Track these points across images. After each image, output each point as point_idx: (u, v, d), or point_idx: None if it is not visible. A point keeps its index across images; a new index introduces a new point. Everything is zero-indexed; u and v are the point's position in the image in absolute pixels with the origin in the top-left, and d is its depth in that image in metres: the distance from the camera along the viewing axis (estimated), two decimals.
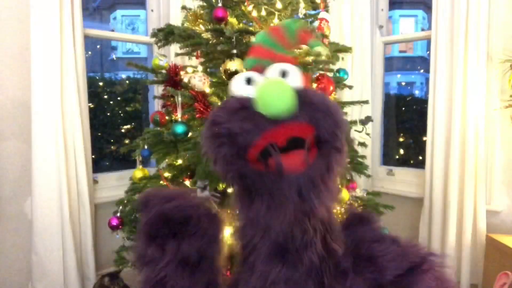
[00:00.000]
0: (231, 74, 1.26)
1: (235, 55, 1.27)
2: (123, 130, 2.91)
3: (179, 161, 1.44)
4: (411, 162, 2.96)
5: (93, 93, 2.70)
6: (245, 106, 0.68)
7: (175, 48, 1.88)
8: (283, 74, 0.72)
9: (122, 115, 2.91)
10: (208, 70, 1.65)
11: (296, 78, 0.72)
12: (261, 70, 0.75)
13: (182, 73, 1.46)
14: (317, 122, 0.67)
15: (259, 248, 0.75)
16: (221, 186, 1.32)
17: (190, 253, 0.79)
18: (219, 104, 0.80)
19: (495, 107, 1.90)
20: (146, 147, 1.48)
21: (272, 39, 0.78)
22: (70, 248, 1.79)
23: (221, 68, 1.32)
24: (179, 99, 1.33)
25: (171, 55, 2.00)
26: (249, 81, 0.73)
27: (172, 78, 1.46)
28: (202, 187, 1.27)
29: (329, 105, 0.68)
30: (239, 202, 0.77)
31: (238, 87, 0.74)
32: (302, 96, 0.68)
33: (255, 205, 0.71)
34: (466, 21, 1.85)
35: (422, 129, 2.23)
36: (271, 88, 0.66)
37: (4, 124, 1.79)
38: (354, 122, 1.51)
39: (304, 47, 1.11)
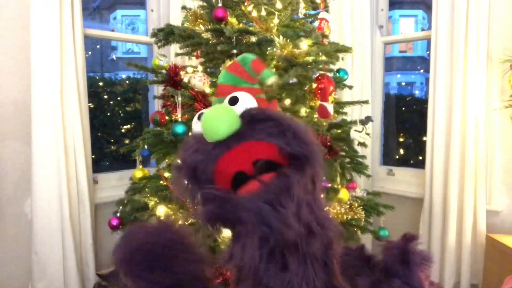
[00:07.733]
0: None
1: (235, 55, 1.27)
2: (123, 130, 2.91)
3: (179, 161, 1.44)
4: (411, 162, 2.96)
5: (93, 93, 2.70)
6: (198, 140, 0.67)
7: (175, 48, 1.88)
8: (233, 101, 0.71)
9: (122, 115, 2.91)
10: (208, 70, 1.65)
11: (245, 103, 0.70)
12: None
13: (182, 73, 1.46)
14: (273, 137, 0.62)
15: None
16: None
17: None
18: None
19: (495, 107, 1.90)
20: (146, 147, 1.48)
21: (233, 75, 0.78)
22: (70, 248, 1.79)
23: (221, 68, 1.32)
24: (179, 99, 1.33)
25: (171, 55, 2.00)
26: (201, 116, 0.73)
27: (172, 78, 1.46)
28: None
29: (276, 115, 0.64)
30: None
31: (193, 125, 0.75)
32: (248, 115, 0.65)
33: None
34: (466, 21, 1.85)
35: (422, 129, 2.23)
36: (208, 114, 0.65)
37: (4, 124, 1.79)
38: (354, 122, 1.51)
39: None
